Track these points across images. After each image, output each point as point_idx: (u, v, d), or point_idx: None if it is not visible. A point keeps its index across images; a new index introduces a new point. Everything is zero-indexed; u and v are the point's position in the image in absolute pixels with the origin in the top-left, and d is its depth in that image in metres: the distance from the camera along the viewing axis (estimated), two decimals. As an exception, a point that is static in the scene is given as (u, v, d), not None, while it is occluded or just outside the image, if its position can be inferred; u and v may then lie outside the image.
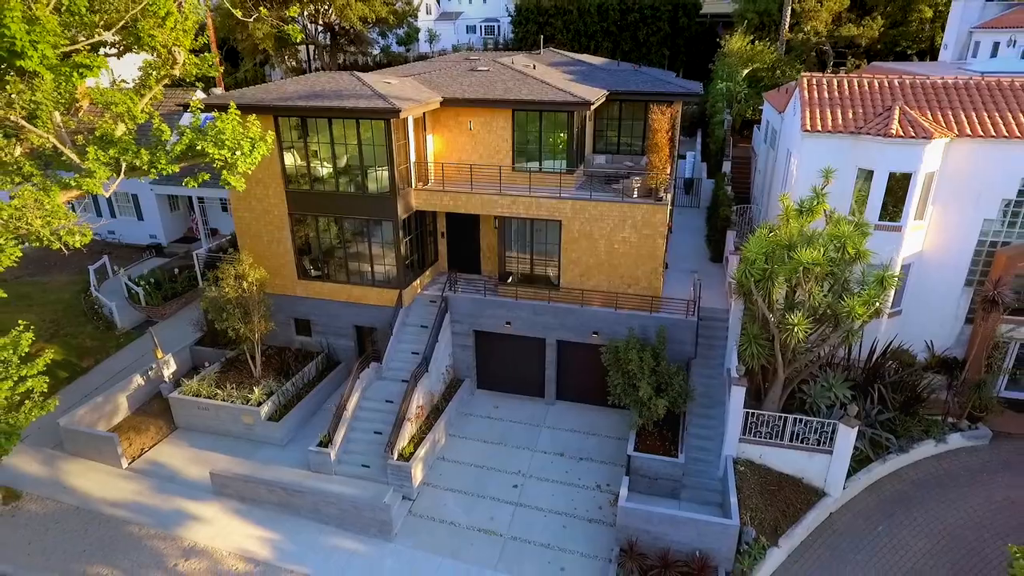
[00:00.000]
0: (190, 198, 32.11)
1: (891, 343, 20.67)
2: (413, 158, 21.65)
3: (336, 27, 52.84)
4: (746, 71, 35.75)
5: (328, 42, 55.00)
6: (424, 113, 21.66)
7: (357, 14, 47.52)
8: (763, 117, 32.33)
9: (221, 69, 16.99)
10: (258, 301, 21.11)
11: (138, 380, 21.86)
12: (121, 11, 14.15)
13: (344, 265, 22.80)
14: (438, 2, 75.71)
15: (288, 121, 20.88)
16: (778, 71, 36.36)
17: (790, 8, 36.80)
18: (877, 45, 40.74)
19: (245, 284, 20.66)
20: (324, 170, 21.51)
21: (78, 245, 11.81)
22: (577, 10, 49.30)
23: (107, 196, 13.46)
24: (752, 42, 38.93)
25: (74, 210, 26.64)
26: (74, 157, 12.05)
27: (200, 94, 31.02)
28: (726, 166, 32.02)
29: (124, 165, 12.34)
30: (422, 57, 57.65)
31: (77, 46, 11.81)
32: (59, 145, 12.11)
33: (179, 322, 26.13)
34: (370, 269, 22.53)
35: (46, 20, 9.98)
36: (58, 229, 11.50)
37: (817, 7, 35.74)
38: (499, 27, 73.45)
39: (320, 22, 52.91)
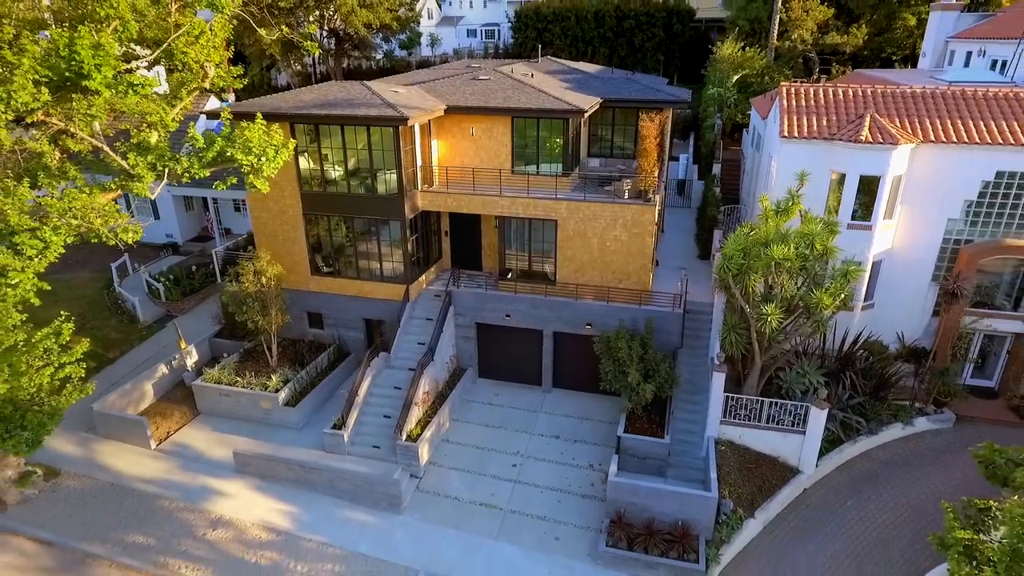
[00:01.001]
0: (204, 199, 33.67)
1: (863, 334, 22.20)
2: (419, 162, 23.22)
3: (341, 32, 54.37)
4: (736, 77, 37.30)
5: (333, 47, 56.53)
6: (429, 120, 23.20)
7: (362, 20, 49.06)
8: (750, 122, 33.86)
9: (244, 81, 18.41)
10: (275, 295, 22.68)
11: (163, 369, 23.44)
12: (160, 33, 15.73)
13: (354, 262, 24.36)
14: (439, 7, 77.21)
15: (303, 127, 22.45)
16: (767, 77, 37.93)
17: (778, 17, 38.36)
18: (864, 51, 42.33)
19: (263, 280, 22.23)
20: (336, 173, 23.08)
21: (131, 241, 13.38)
22: (575, 17, 50.89)
23: (152, 197, 14.96)
24: (743, 48, 40.49)
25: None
26: (122, 163, 13.59)
27: (213, 100, 32.61)
28: (716, 168, 33.56)
29: (167, 170, 13.87)
30: (424, 62, 59.15)
31: (130, 65, 13.37)
32: (107, 151, 13.65)
33: (197, 316, 27.69)
34: (379, 266, 24.09)
35: (108, 46, 11.54)
36: (115, 227, 13.08)
37: (803, 16, 37.34)
38: (499, 31, 74.96)
39: (326, 28, 54.42)
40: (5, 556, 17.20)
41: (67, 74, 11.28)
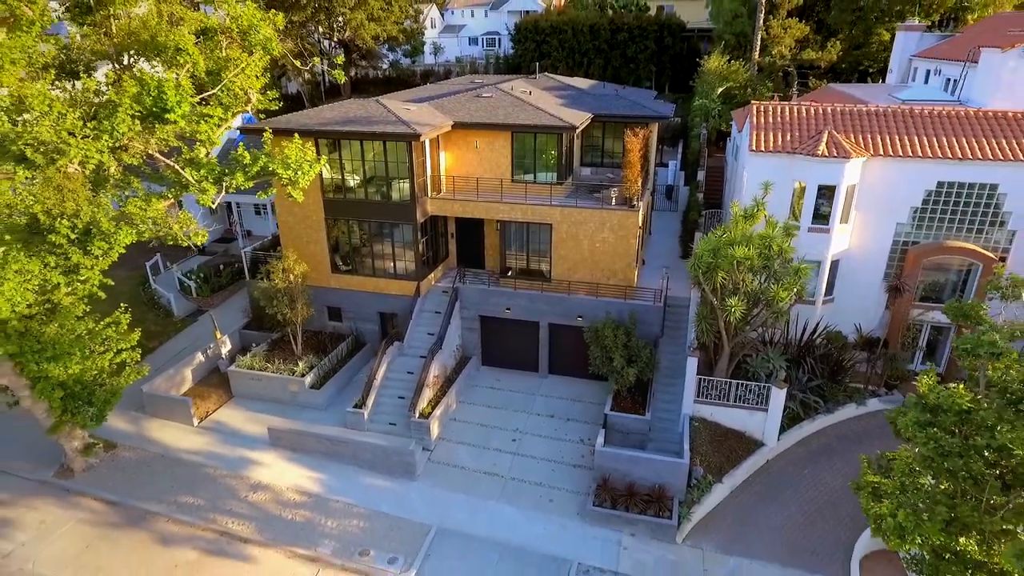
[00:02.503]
0: (228, 203, 36.48)
1: (824, 326, 24.96)
2: (429, 172, 26.02)
3: (349, 44, 57.20)
4: (721, 89, 40.09)
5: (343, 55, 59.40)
6: (438, 135, 25.99)
7: (370, 33, 51.89)
8: (731, 132, 36.65)
9: (280, 104, 21.13)
10: (301, 291, 25.47)
11: (199, 357, 26.24)
12: (212, 64, 18.50)
13: (370, 261, 27.16)
14: (442, 16, 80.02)
15: (326, 141, 25.24)
16: (749, 89, 40.71)
17: (759, 34, 41.19)
18: (842, 64, 45.15)
19: (291, 277, 25.03)
20: (355, 181, 25.88)
21: (200, 243, 16.20)
22: (571, 30, 53.70)
23: (213, 206, 17.73)
24: (728, 61, 43.29)
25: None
26: (188, 177, 16.38)
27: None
28: (700, 175, 36.37)
29: (225, 183, 16.68)
30: (428, 72, 61.80)
31: (202, 96, 16.17)
32: (177, 168, 16.44)
33: (225, 310, 30.49)
34: (392, 264, 26.89)
35: (187, 87, 14.35)
36: (188, 231, 15.88)
37: (782, 34, 40.12)
38: (499, 40, 77.73)
39: (335, 39, 57.28)
40: (79, 513, 20.00)
41: (153, 109, 14.04)
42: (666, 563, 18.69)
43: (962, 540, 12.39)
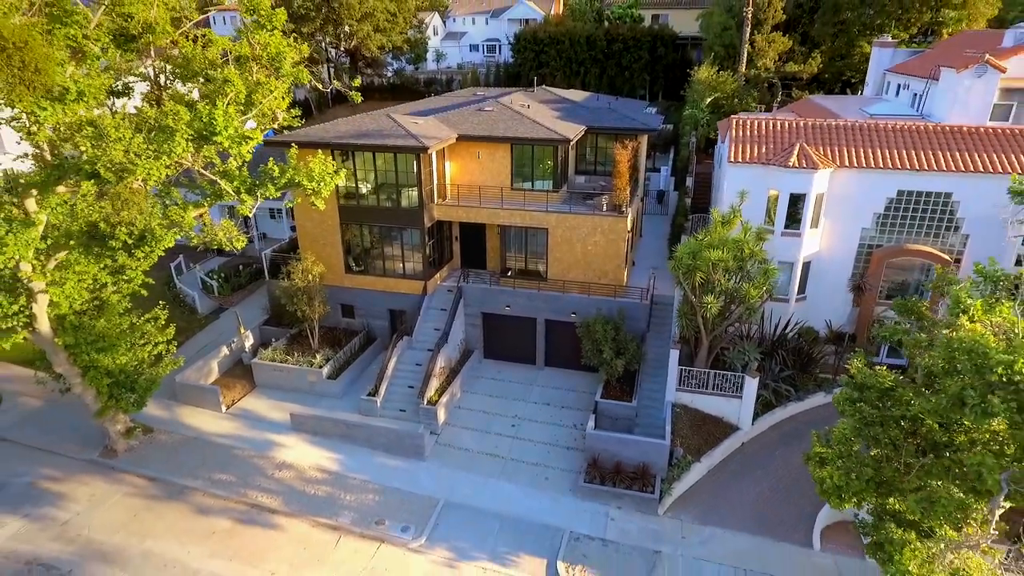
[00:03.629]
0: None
1: (797, 322, 27.29)
2: (435, 180, 28.36)
3: (355, 52, 59.56)
4: (709, 99, 42.44)
5: (348, 64, 61.77)
6: (444, 146, 28.33)
7: (376, 44, 54.26)
8: (718, 140, 38.98)
9: (302, 122, 23.47)
10: (318, 290, 27.82)
11: (224, 351, 28.59)
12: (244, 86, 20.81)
13: (381, 262, 29.51)
14: (444, 23, 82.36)
15: (341, 152, 27.59)
16: (736, 99, 43.06)
17: (746, 47, 43.56)
18: (825, 75, 47.50)
19: (310, 277, 27.38)
20: (367, 189, 28.22)
21: (240, 247, 18.59)
22: (568, 40, 56.06)
23: (250, 215, 20.04)
24: (717, 72, 45.63)
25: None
26: (228, 189, 18.72)
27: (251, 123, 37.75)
28: (688, 181, 38.69)
29: (260, 193, 19.03)
30: (431, 80, 64.07)
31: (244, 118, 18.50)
32: (215, 179, 18.78)
33: (244, 308, 32.83)
34: (401, 265, 29.24)
35: (233, 113, 16.70)
36: (231, 238, 18.24)
37: (766, 48, 42.49)
38: (499, 47, 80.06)
39: (341, 47, 59.63)
40: (124, 488, 22.36)
41: (204, 132, 16.35)
42: (648, 532, 21.03)
43: (891, 500, 14.74)
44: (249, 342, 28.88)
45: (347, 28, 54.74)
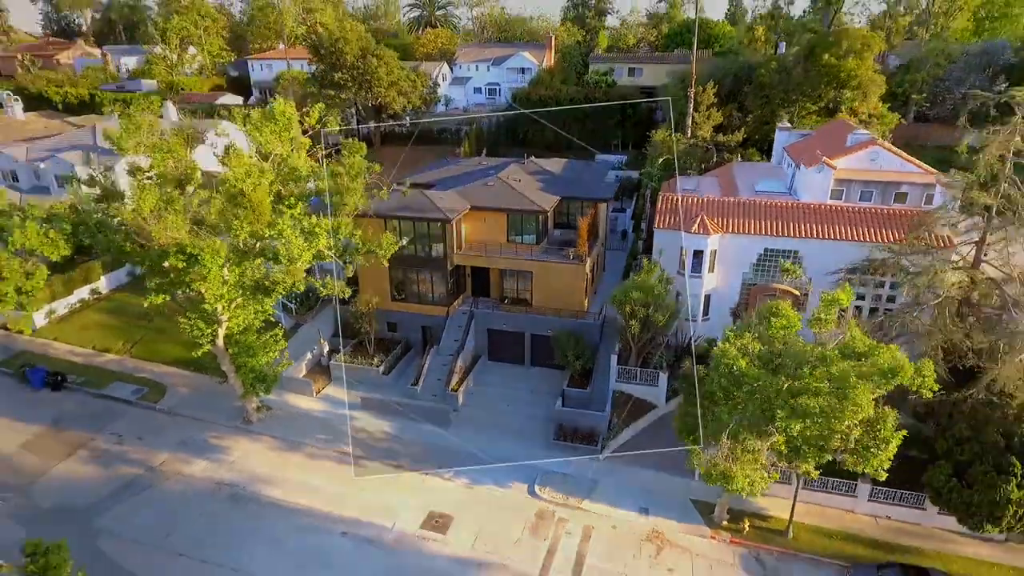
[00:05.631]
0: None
1: (702, 335, 39.92)
2: (455, 237, 41.13)
3: (380, 107, 72.35)
4: (660, 160, 55.20)
5: (373, 114, 74.61)
6: (461, 215, 41.05)
7: (399, 105, 67.09)
8: (664, 196, 51.58)
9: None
10: (374, 313, 40.59)
11: (309, 355, 41.36)
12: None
13: (417, 293, 42.26)
14: (452, 69, 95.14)
15: (388, 220, 40.31)
16: (683, 160, 55.77)
17: (690, 119, 56.46)
18: (755, 135, 60.19)
19: (369, 304, 40.17)
20: (407, 243, 40.96)
21: (302, 289, 31.52)
22: (555, 100, 69.03)
23: (350, 275, 33.00)
24: (671, 134, 58.33)
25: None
26: (332, 256, 31.52)
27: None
28: (643, 225, 51.41)
29: (351, 259, 31.82)
30: (442, 129, 76.73)
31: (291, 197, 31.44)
32: (330, 255, 31.60)
33: (317, 324, 45.58)
34: (431, 295, 42.00)
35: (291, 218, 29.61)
36: (297, 283, 31.05)
37: (703, 122, 55.32)
38: (499, 89, 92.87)
39: (369, 103, 72.39)
40: (262, 443, 35.22)
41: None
42: (592, 469, 33.79)
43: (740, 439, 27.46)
44: (325, 349, 41.74)
45: (376, 90, 67.52)
